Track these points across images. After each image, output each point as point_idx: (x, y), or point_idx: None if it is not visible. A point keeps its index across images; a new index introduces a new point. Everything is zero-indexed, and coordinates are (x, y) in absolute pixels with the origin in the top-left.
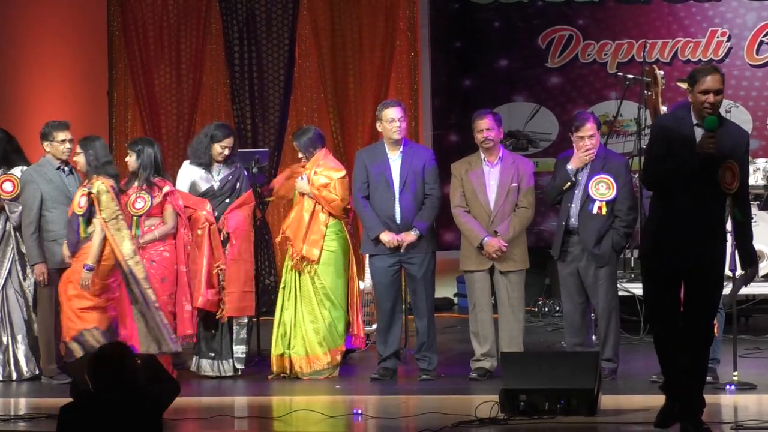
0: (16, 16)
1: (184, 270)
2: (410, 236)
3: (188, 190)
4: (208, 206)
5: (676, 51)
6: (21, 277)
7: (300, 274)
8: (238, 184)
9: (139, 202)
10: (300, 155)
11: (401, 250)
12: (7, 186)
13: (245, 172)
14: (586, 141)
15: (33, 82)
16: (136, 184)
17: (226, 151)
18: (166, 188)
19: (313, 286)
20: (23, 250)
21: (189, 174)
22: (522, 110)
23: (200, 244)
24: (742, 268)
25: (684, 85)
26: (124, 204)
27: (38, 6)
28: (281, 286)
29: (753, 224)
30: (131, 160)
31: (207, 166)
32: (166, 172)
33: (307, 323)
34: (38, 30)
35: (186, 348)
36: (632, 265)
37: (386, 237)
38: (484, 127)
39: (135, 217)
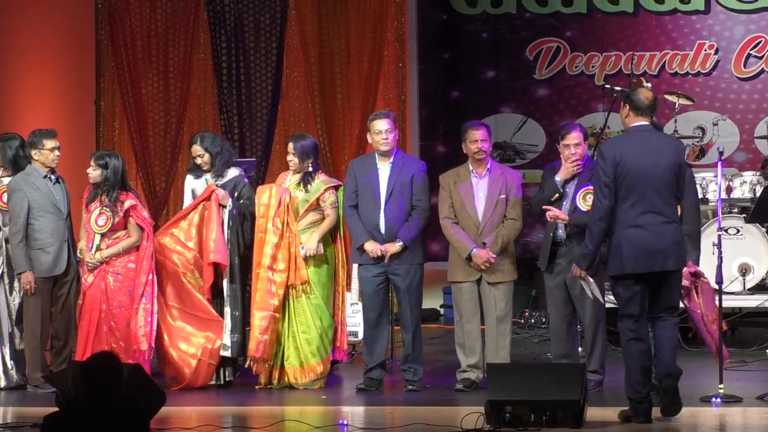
0: (3, 24)
1: (144, 281)
2: (394, 247)
3: (190, 199)
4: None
5: (664, 63)
6: (8, 288)
7: (293, 288)
8: (235, 193)
9: (102, 218)
10: (292, 162)
11: (385, 261)
12: (6, 197)
13: (246, 180)
14: (572, 149)
15: (20, 90)
16: (98, 198)
17: (197, 160)
18: (128, 203)
19: (306, 297)
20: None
21: (189, 184)
22: (509, 122)
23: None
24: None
25: (671, 98)
26: (87, 220)
27: (26, 14)
28: None
29: (739, 237)
30: (95, 173)
31: (201, 175)
32: (130, 184)
33: (300, 334)
34: (26, 38)
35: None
36: None
37: (370, 246)
38: (479, 138)
39: (97, 234)
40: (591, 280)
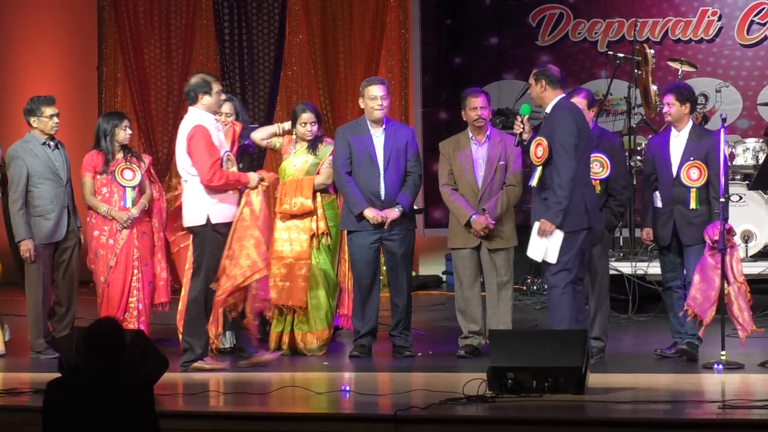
0: None
1: (158, 237)
2: (394, 212)
3: None
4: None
5: (667, 30)
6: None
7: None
8: (240, 164)
9: (128, 173)
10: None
11: (385, 227)
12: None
13: (251, 150)
14: None
15: (23, 57)
16: (120, 155)
17: (222, 117)
18: (146, 158)
19: (314, 263)
20: None
21: None
22: (512, 88)
23: None
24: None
25: (674, 65)
26: (110, 179)
27: None
28: None
29: (742, 204)
30: (126, 133)
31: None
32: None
33: (310, 299)
34: (28, 5)
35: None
36: (621, 244)
37: (371, 213)
38: (479, 105)
39: (128, 188)
40: (559, 233)
